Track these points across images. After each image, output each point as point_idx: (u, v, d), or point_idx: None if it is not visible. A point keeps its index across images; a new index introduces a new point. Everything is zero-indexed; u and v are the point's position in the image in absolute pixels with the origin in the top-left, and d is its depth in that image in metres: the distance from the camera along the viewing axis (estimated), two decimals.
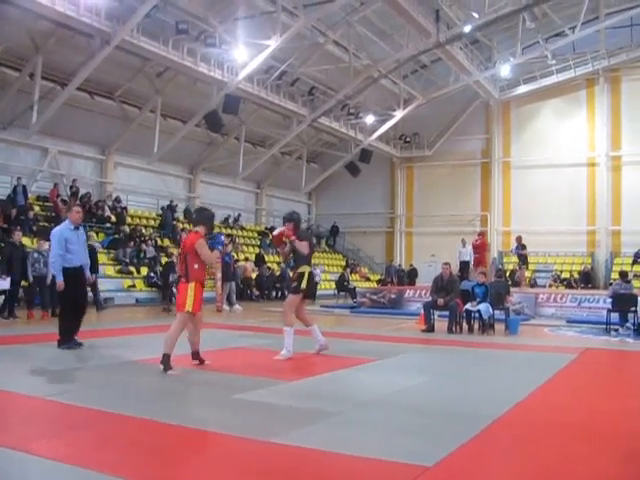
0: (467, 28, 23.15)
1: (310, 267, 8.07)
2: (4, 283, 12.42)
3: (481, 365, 7.99)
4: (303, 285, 7.85)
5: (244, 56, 21.27)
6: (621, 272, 14.26)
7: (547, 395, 5.90)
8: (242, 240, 27.44)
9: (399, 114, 30.03)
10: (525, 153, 30.64)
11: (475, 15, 23.41)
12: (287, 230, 7.94)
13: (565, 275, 27.68)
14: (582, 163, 29.46)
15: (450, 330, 11.50)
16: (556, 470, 3.66)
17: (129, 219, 23.20)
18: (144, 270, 19.66)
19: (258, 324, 13.05)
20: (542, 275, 27.55)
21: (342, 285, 21.78)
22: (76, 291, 8.15)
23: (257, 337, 10.21)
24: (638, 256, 27.19)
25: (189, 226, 23.97)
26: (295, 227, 8.05)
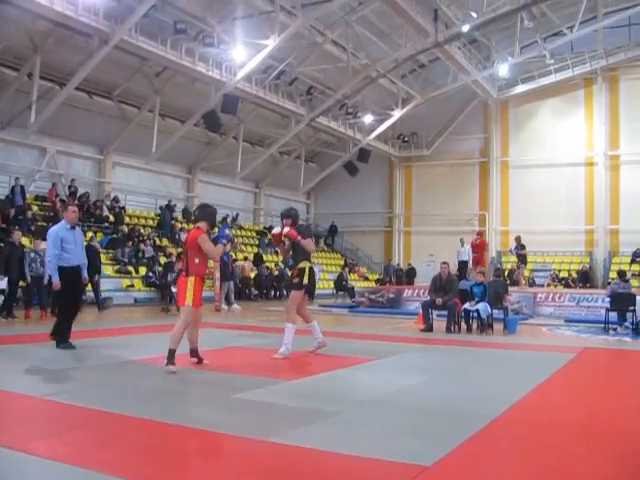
0: (465, 28, 23.14)
1: (310, 263, 8.03)
2: (1, 283, 12.42)
3: (480, 365, 8.00)
4: (305, 280, 7.84)
5: (242, 56, 21.26)
6: (619, 271, 14.26)
7: (545, 395, 5.90)
8: (241, 240, 27.44)
9: (397, 113, 30.03)
10: (523, 152, 30.65)
11: (473, 15, 23.40)
12: (290, 231, 7.90)
13: (563, 274, 27.67)
14: (580, 162, 29.48)
15: (448, 330, 11.49)
16: (555, 469, 3.67)
17: (127, 219, 23.18)
18: (142, 270, 19.65)
19: (257, 324, 13.05)
20: (540, 274, 27.54)
21: (340, 284, 21.77)
22: (74, 290, 8.15)
23: (256, 337, 10.20)
24: (636, 255, 27.20)
25: (188, 226, 24.00)
26: (293, 223, 8.03)
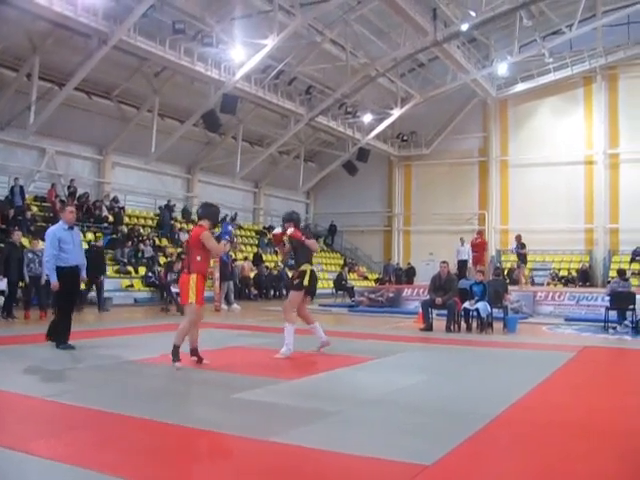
0: (464, 26, 23.10)
1: (312, 265, 8.04)
2: (1, 284, 12.41)
3: (479, 364, 8.00)
4: (305, 282, 7.84)
5: (241, 55, 21.25)
6: (619, 270, 14.25)
7: (545, 393, 5.90)
8: (240, 239, 27.43)
9: (396, 113, 30.02)
10: (523, 151, 30.62)
11: (472, 13, 23.38)
12: (295, 232, 7.87)
13: (563, 273, 27.70)
14: (580, 161, 29.46)
15: (448, 329, 11.50)
16: (555, 468, 3.67)
17: (127, 219, 23.16)
18: (142, 270, 19.63)
19: (256, 323, 13.04)
20: (540, 273, 27.57)
21: (340, 284, 21.76)
22: (73, 290, 8.15)
23: (256, 336, 10.20)
24: (636, 254, 27.18)
25: (187, 226, 24.01)
26: (295, 227, 8.02)
